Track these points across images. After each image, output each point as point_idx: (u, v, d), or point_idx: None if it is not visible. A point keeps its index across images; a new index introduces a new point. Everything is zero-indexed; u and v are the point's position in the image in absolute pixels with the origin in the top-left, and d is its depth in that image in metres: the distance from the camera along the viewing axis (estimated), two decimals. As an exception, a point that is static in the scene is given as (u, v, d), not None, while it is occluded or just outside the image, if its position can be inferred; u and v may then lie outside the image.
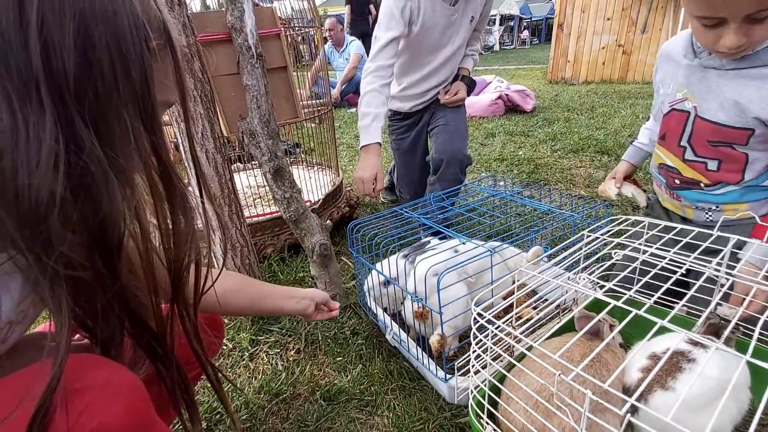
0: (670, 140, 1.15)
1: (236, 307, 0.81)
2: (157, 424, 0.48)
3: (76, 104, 0.35)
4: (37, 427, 0.37)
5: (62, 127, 0.34)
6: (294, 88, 1.44)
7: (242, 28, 1.10)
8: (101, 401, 0.42)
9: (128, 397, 0.44)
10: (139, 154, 0.41)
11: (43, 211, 0.34)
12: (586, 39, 5.69)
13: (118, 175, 0.38)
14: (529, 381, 0.77)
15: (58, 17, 0.33)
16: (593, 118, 3.64)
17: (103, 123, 0.37)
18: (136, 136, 0.39)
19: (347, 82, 5.03)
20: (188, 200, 0.48)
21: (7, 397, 0.40)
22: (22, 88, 0.32)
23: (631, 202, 1.26)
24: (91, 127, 0.36)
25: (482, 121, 3.79)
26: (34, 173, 0.33)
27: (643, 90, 4.80)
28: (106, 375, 0.44)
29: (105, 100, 0.36)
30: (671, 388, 0.79)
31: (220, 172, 1.23)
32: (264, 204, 1.89)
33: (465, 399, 0.95)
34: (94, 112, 0.36)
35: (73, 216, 0.36)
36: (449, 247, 1.15)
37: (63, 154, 0.34)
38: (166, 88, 0.45)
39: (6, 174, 0.32)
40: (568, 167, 2.54)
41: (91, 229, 0.38)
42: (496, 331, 0.76)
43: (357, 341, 1.21)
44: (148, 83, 0.40)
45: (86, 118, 0.35)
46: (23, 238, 0.34)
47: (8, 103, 0.32)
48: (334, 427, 0.97)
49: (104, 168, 0.37)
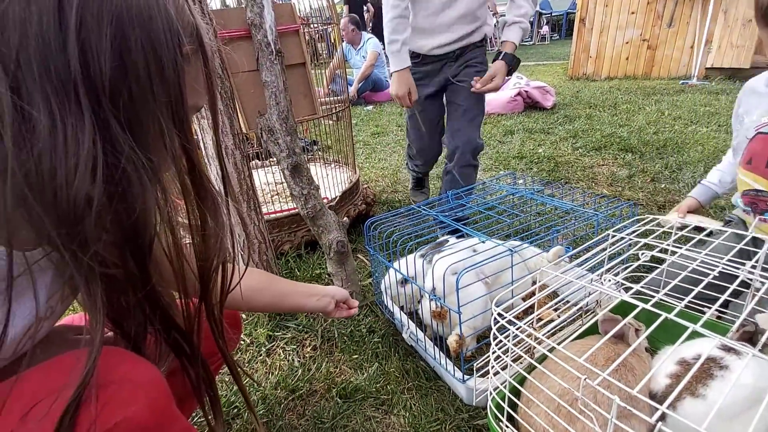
0: (757, 163, 1.14)
1: (260, 304, 0.83)
2: (178, 420, 0.48)
3: (111, 107, 0.35)
4: (69, 418, 0.37)
5: (99, 130, 0.35)
6: (312, 85, 1.44)
7: (262, 24, 1.10)
8: (122, 397, 0.42)
9: (149, 393, 0.44)
10: (171, 156, 0.41)
11: (81, 212, 0.34)
12: (609, 34, 5.53)
13: (151, 176, 0.39)
14: (551, 384, 0.75)
15: (96, 20, 0.34)
16: (616, 114, 3.54)
17: (137, 125, 0.37)
18: (169, 138, 0.40)
19: (364, 80, 5.03)
20: (217, 201, 0.48)
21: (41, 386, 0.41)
22: (61, 90, 0.33)
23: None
24: (127, 131, 0.36)
25: (500, 118, 3.73)
26: (72, 175, 0.33)
27: (668, 86, 4.64)
28: (127, 369, 0.45)
29: (140, 103, 0.37)
30: (701, 395, 0.75)
31: (239, 168, 1.24)
32: (282, 201, 1.90)
33: (483, 401, 0.93)
34: (129, 115, 0.36)
35: (108, 216, 0.36)
36: (467, 246, 1.13)
37: (101, 156, 0.35)
38: (197, 92, 0.45)
39: (45, 175, 0.33)
40: (590, 165, 2.48)
41: (124, 229, 0.38)
42: (517, 332, 0.74)
43: (373, 339, 1.21)
44: (180, 87, 0.40)
45: (122, 121, 0.36)
46: (60, 236, 0.34)
47: (47, 105, 0.33)
48: (350, 425, 0.96)
49: (139, 170, 0.37)
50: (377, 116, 4.40)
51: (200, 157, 0.46)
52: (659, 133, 2.89)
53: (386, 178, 2.55)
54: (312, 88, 1.44)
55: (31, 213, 0.33)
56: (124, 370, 0.44)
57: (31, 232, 0.35)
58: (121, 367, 0.45)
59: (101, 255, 0.37)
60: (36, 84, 0.32)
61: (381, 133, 3.71)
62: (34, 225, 0.34)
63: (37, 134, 0.32)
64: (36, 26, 0.32)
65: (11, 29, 0.32)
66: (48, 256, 0.38)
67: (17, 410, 0.38)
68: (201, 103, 0.47)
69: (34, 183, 0.33)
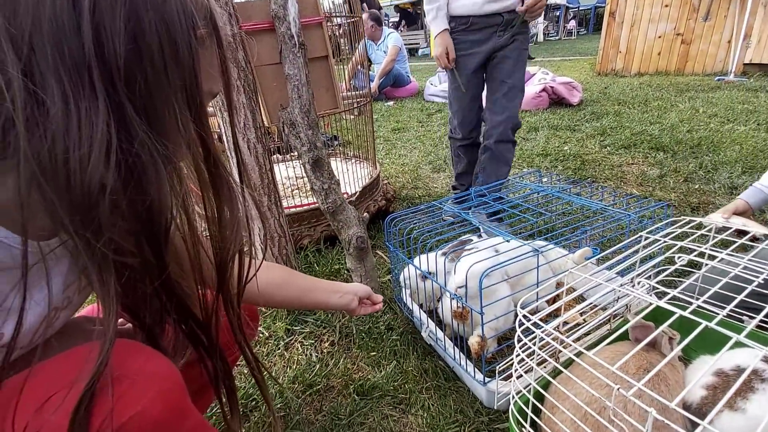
0: None
1: (282, 300, 0.82)
2: (191, 415, 0.48)
3: (126, 91, 0.34)
4: (83, 411, 0.37)
5: (113, 114, 0.34)
6: (335, 79, 1.42)
7: (285, 16, 1.09)
8: (136, 391, 0.42)
9: (163, 387, 0.44)
10: (186, 143, 0.40)
11: (95, 198, 0.34)
12: (641, 28, 5.32)
13: (166, 163, 0.38)
14: (578, 390, 0.72)
15: (110, 2, 0.33)
16: (647, 112, 3.41)
17: (152, 110, 0.36)
18: (184, 124, 0.39)
19: (385, 76, 5.00)
20: (234, 190, 0.47)
21: (56, 378, 0.40)
22: (75, 73, 0.32)
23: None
24: (141, 115, 0.35)
25: (525, 115, 3.64)
26: (86, 159, 0.33)
27: (703, 83, 4.44)
28: (141, 363, 0.45)
29: (154, 86, 0.36)
30: (741, 409, 0.71)
31: (261, 162, 1.24)
32: (302, 195, 1.90)
33: (504, 404, 0.90)
34: (144, 99, 0.36)
35: (122, 203, 0.36)
36: (490, 245, 1.10)
37: (115, 141, 0.34)
38: (211, 77, 0.44)
39: (58, 159, 0.32)
40: (619, 164, 2.39)
41: (140, 216, 0.38)
42: (543, 335, 0.71)
43: (392, 337, 1.19)
44: (195, 71, 0.39)
45: (136, 105, 0.35)
46: (74, 222, 0.34)
47: (61, 88, 0.32)
48: (367, 422, 0.95)
49: (154, 156, 0.36)
50: (398, 112, 4.37)
51: (217, 147, 0.45)
52: (693, 132, 2.77)
53: (406, 175, 2.53)
54: (334, 81, 1.43)
55: (44, 198, 0.33)
56: (139, 364, 0.44)
57: (46, 218, 0.34)
58: (135, 360, 0.44)
59: (116, 242, 0.36)
60: (49, 67, 0.32)
61: (401, 129, 3.68)
62: (48, 211, 0.33)
63: (51, 118, 0.32)
64: (49, 8, 0.31)
65: (24, 12, 0.31)
66: (64, 244, 0.38)
67: (32, 402, 0.38)
68: (216, 88, 0.46)
69: (47, 167, 0.32)
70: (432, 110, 4.30)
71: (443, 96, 4.78)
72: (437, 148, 3.00)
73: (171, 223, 0.41)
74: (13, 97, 0.30)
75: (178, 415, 0.45)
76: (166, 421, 0.43)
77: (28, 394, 0.39)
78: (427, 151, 2.95)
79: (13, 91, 0.30)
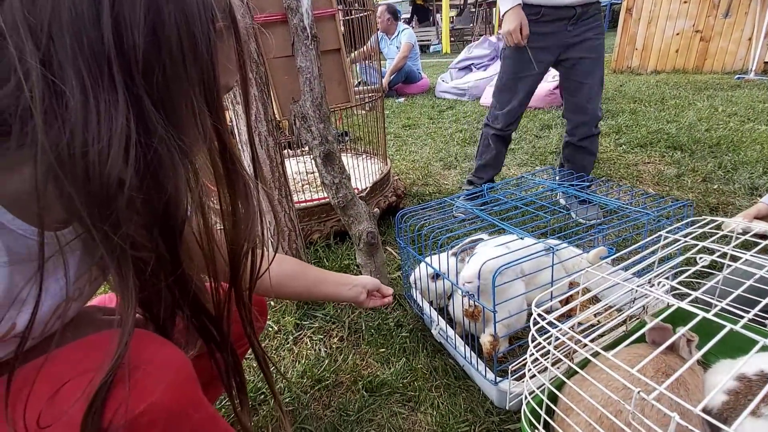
0: None
1: (292, 291, 0.81)
2: (203, 406, 0.47)
3: (144, 84, 0.34)
4: (100, 400, 0.37)
5: (133, 108, 0.33)
6: (347, 72, 1.41)
7: (298, 8, 1.08)
8: (148, 382, 0.41)
9: (176, 378, 0.44)
10: (203, 137, 0.40)
11: (113, 192, 0.33)
12: (658, 24, 5.20)
13: (183, 158, 0.37)
14: (593, 392, 0.70)
15: None
16: (664, 110, 3.33)
17: (169, 104, 0.36)
18: (201, 118, 0.39)
19: (396, 72, 4.96)
20: (249, 185, 0.47)
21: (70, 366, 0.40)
22: (94, 64, 0.31)
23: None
24: (159, 109, 0.35)
25: (537, 112, 3.59)
26: (105, 153, 0.32)
27: (723, 81, 4.32)
28: (153, 353, 0.44)
29: (172, 79, 0.35)
30: (764, 415, 0.68)
31: (272, 155, 1.23)
32: (312, 190, 1.89)
33: (516, 405, 0.89)
34: (161, 92, 0.35)
35: (139, 197, 0.35)
36: (501, 243, 1.08)
37: (134, 135, 0.33)
38: (228, 71, 0.44)
39: (77, 153, 0.32)
40: (635, 163, 2.34)
41: (155, 211, 0.37)
42: (558, 334, 0.69)
43: (401, 333, 1.18)
44: (213, 64, 0.38)
45: (154, 98, 0.35)
46: (91, 216, 0.34)
47: (80, 80, 0.31)
48: (376, 419, 0.94)
49: (171, 151, 0.36)
50: (409, 109, 4.34)
51: (232, 141, 0.45)
52: (712, 131, 2.70)
53: (416, 171, 2.51)
54: (347, 75, 1.41)
55: (62, 191, 0.32)
56: (150, 354, 0.44)
57: (62, 210, 0.34)
58: (147, 350, 0.44)
59: (132, 237, 0.36)
60: (68, 58, 0.31)
61: (412, 125, 3.65)
62: (65, 203, 0.33)
63: (69, 110, 0.31)
64: None
65: (43, 1, 0.30)
66: (79, 237, 0.37)
67: (45, 391, 0.38)
68: (232, 82, 0.46)
69: (65, 160, 0.31)
70: (443, 107, 4.27)
71: (454, 93, 4.73)
72: (448, 145, 2.97)
73: (186, 218, 0.40)
74: (32, 87, 0.30)
75: (190, 405, 0.45)
76: (179, 412, 0.43)
77: (41, 383, 0.38)
78: (437, 148, 2.92)
79: (32, 82, 0.30)
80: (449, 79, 4.98)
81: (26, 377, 0.38)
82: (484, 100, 4.15)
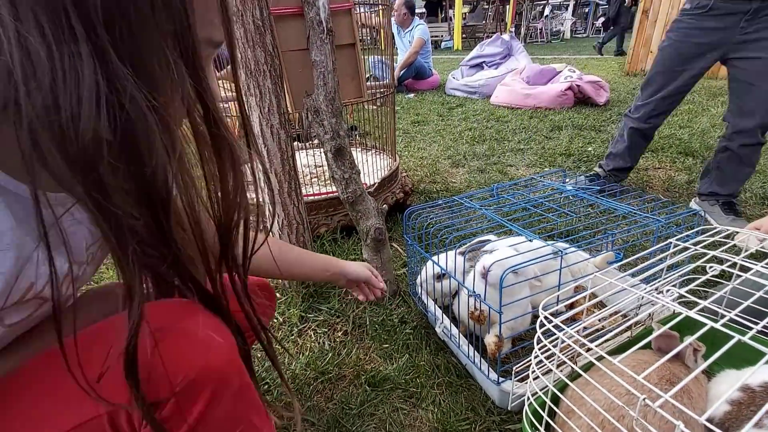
0: None
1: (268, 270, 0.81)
2: (244, 372, 0.49)
3: (107, 35, 0.30)
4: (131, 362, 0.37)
5: (99, 62, 0.30)
6: (361, 67, 1.41)
7: (315, 1, 1.07)
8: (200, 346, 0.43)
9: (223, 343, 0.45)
10: (181, 97, 0.36)
11: (92, 154, 0.31)
12: (675, 28, 5.14)
13: (159, 120, 0.34)
14: (596, 396, 0.70)
15: None
16: (676, 115, 3.30)
17: (138, 58, 0.32)
18: (178, 76, 0.35)
19: (407, 67, 4.94)
20: (236, 151, 0.43)
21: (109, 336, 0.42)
22: (51, 14, 0.29)
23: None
24: (126, 63, 0.31)
25: (548, 113, 3.57)
26: (76, 108, 0.30)
27: (738, 87, 4.26)
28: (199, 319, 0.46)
29: (140, 30, 0.32)
30: (766, 426, 0.68)
31: (283, 148, 1.24)
32: (320, 183, 1.90)
33: (518, 406, 0.89)
34: (128, 45, 0.31)
35: (120, 165, 0.33)
36: (510, 244, 1.08)
37: (104, 89, 0.30)
38: (209, 23, 0.39)
39: (50, 108, 0.29)
40: (645, 168, 2.32)
41: (136, 178, 0.35)
42: (564, 337, 0.70)
43: (405, 330, 1.19)
44: (186, 11, 0.34)
45: (120, 52, 0.31)
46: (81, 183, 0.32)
47: (40, 32, 0.28)
48: (378, 414, 0.95)
49: (144, 111, 0.32)
50: (418, 105, 4.32)
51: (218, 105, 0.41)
52: (725, 138, 2.67)
53: (425, 168, 2.51)
54: (360, 70, 1.41)
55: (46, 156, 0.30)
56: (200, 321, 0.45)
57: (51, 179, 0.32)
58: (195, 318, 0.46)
59: (121, 206, 0.34)
60: (27, 9, 0.28)
61: (421, 122, 3.64)
62: (50, 169, 0.31)
63: (37, 64, 0.29)
64: None
65: None
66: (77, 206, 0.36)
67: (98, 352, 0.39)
68: (217, 37, 0.41)
69: (42, 117, 0.29)
70: (453, 104, 4.24)
71: (465, 90, 4.70)
72: (456, 143, 2.96)
73: (171, 186, 0.37)
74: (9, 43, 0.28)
75: (236, 370, 0.47)
76: (227, 375, 0.45)
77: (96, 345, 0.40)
78: (446, 146, 2.91)
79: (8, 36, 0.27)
80: (460, 76, 4.95)
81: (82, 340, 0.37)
82: (495, 98, 4.12)
